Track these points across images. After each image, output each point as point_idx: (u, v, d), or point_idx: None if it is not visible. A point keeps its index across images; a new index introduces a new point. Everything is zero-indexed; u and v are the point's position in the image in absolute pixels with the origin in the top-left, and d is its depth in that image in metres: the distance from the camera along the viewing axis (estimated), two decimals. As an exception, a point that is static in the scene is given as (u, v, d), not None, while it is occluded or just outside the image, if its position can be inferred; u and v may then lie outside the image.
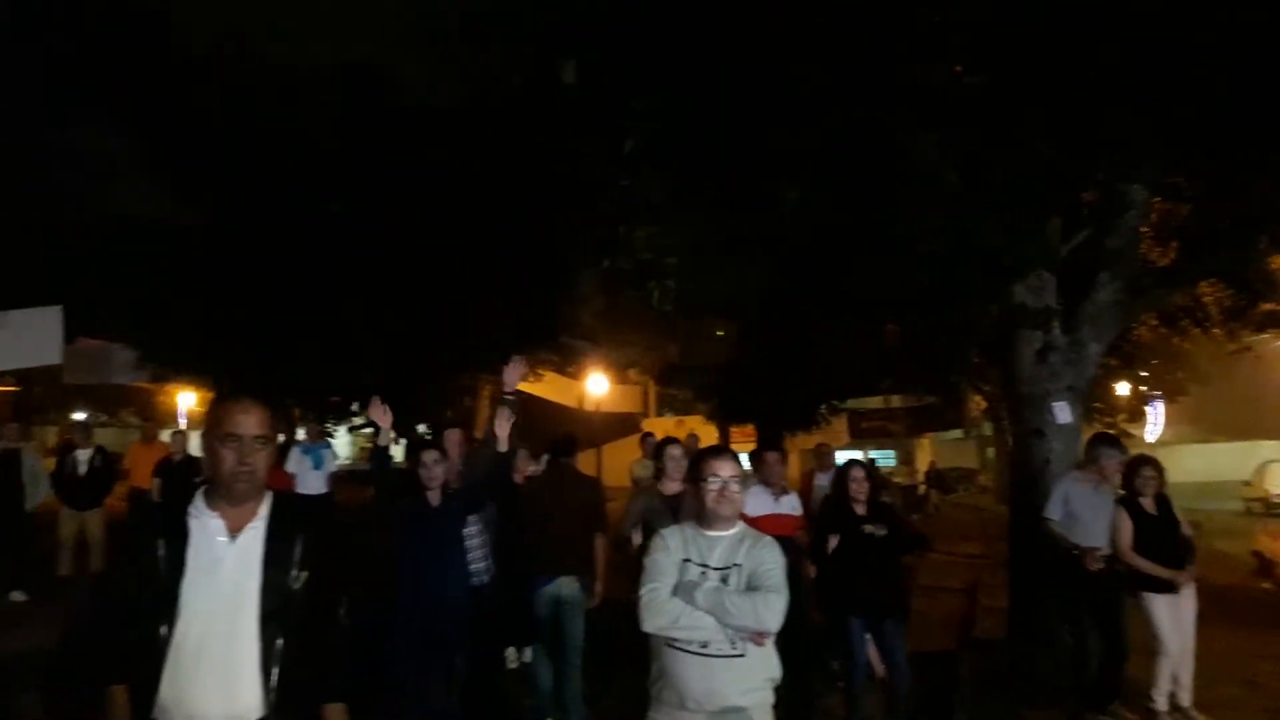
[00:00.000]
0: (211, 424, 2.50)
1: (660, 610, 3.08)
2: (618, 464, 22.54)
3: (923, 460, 31.14)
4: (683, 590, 3.06)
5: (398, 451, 15.31)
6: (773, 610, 3.03)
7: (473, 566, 5.20)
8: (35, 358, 11.82)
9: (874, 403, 25.79)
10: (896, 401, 26.59)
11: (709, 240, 7.48)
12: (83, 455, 10.20)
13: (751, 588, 3.07)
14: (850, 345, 11.83)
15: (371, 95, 14.51)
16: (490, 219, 13.54)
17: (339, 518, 2.74)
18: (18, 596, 9.01)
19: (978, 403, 26.77)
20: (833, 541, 5.47)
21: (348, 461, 20.19)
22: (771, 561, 3.14)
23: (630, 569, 3.80)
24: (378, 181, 13.93)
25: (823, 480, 8.19)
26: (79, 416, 34.77)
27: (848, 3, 5.71)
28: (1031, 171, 5.93)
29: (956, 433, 30.45)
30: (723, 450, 3.34)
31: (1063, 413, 6.84)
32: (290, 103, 14.47)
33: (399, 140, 13.97)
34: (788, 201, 6.94)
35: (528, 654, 6.73)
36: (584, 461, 21.11)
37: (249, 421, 2.44)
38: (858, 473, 5.52)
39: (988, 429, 29.75)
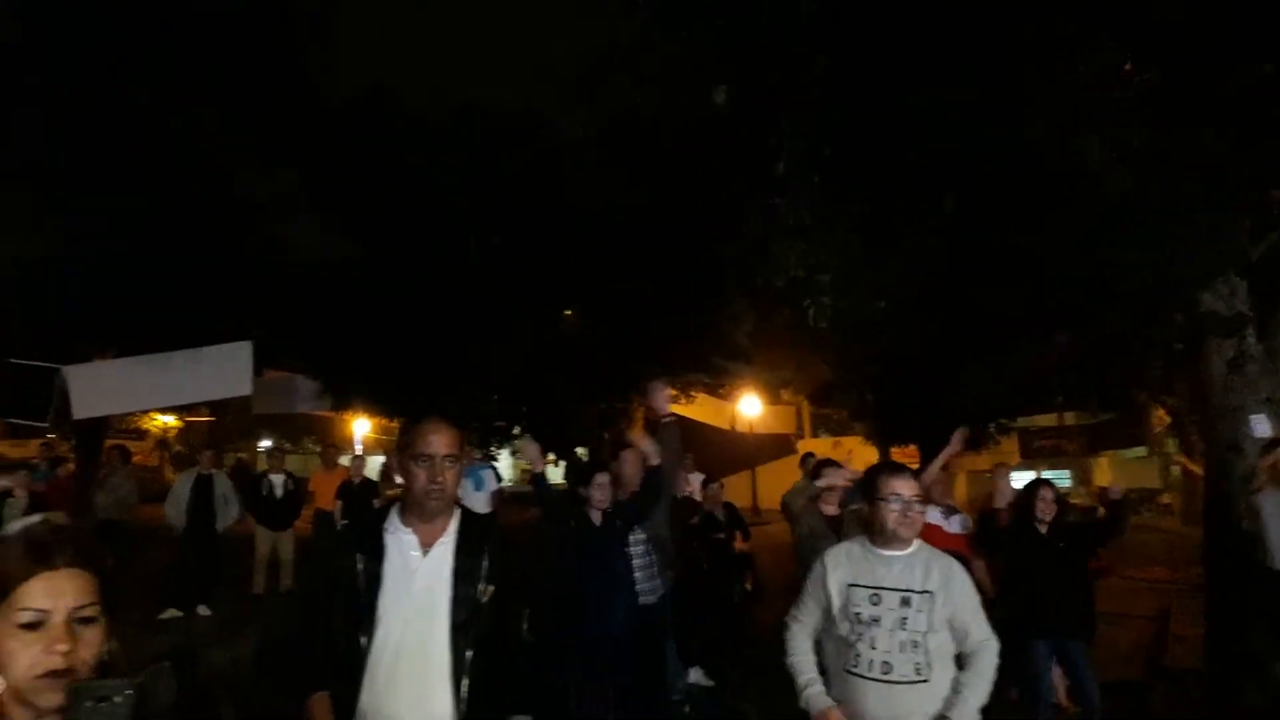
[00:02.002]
0: (404, 444, 2.60)
1: (790, 650, 3.22)
2: (774, 485, 22.32)
3: (1100, 479, 29.31)
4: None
5: (554, 473, 15.69)
6: (994, 665, 3.06)
7: (640, 586, 5.25)
8: (229, 389, 12.85)
9: (1046, 420, 24.50)
10: (1071, 419, 25.16)
11: (863, 255, 7.34)
12: (276, 479, 10.96)
13: (956, 630, 3.03)
14: (1019, 360, 11.30)
15: (524, 130, 15.04)
16: (641, 243, 13.72)
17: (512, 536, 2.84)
18: (204, 611, 9.58)
19: (1161, 418, 25.00)
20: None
21: (509, 483, 20.78)
22: (971, 600, 3.08)
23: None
24: (533, 212, 14.39)
25: (1001, 503, 7.85)
26: (265, 444, 37.37)
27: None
28: (1213, 170, 5.54)
29: (1138, 451, 28.49)
30: (901, 468, 3.24)
31: (1261, 426, 6.31)
32: (452, 142, 15.16)
33: (551, 172, 14.40)
34: (944, 211, 6.74)
35: (693, 675, 6.74)
36: (738, 484, 21.02)
37: (440, 441, 2.55)
38: (1047, 492, 5.28)
39: (1172, 446, 27.71)
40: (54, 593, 1.41)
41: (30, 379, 11.69)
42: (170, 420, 37.00)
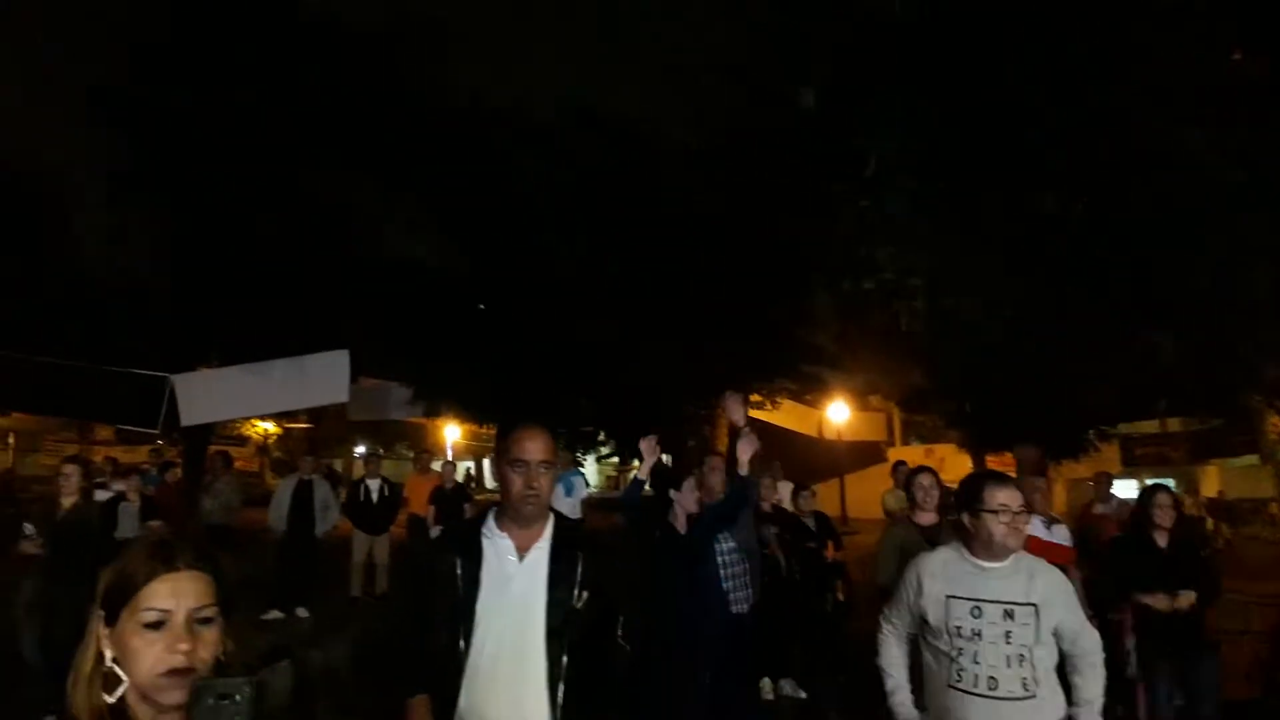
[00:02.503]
0: (501, 450, 2.63)
1: (880, 653, 3.23)
2: (861, 495, 21.93)
3: (1207, 489, 27.98)
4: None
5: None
6: (1102, 665, 3.03)
7: (732, 595, 5.20)
8: (327, 396, 13.28)
9: (1149, 427, 23.50)
10: (1175, 425, 24.09)
11: (958, 256, 7.17)
12: (373, 484, 11.24)
13: (1064, 641, 2.96)
14: (1121, 363, 10.87)
15: (614, 136, 15.16)
16: (728, 246, 13.66)
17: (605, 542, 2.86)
18: (302, 613, 9.85)
19: (1274, 424, 23.74)
20: (1160, 603, 4.89)
21: (595, 489, 20.95)
22: (1077, 607, 3.02)
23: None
24: (622, 219, 14.48)
25: (1102, 510, 7.56)
26: (359, 450, 38.42)
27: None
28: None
29: (1249, 458, 27.11)
30: (1005, 478, 3.14)
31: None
32: (544, 149, 15.38)
33: (641, 177, 14.47)
34: (1045, 209, 6.54)
35: (785, 686, 6.66)
36: (826, 492, 20.73)
37: (536, 448, 2.57)
38: (1164, 499, 4.99)
39: (1288, 453, 26.27)
40: (176, 593, 1.46)
41: (142, 388, 12.23)
42: (270, 427, 38.37)
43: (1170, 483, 26.49)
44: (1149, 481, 5.79)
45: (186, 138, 16.72)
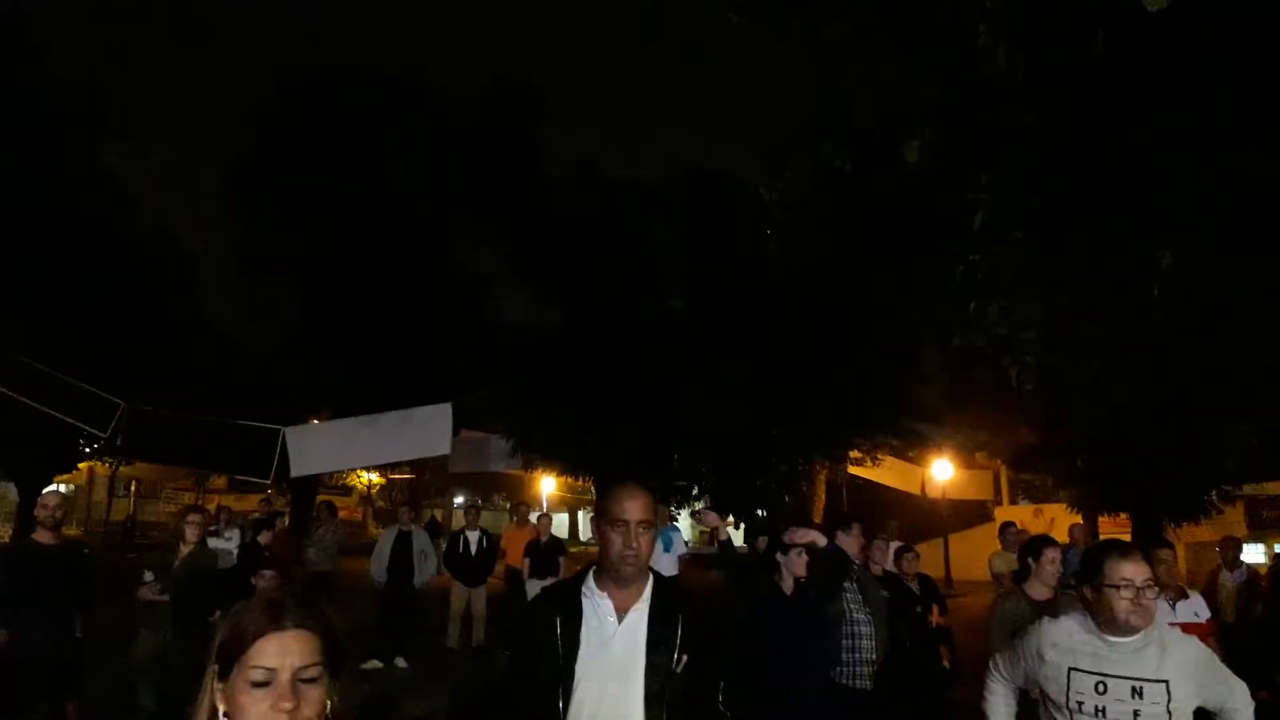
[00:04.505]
0: (601, 510, 2.62)
1: (986, 701, 3.14)
2: (967, 555, 21.13)
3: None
4: None
5: (736, 536, 15.43)
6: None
7: (846, 667, 5.05)
8: (431, 448, 13.57)
9: (1277, 488, 22.04)
10: (1307, 486, 22.53)
11: (1071, 312, 6.92)
12: (472, 536, 11.37)
13: (1212, 706, 2.79)
14: (1246, 420, 10.27)
15: (709, 196, 15.33)
16: (827, 301, 13.55)
17: (703, 602, 2.80)
18: (401, 663, 9.94)
19: None
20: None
21: (690, 545, 20.77)
22: (1220, 675, 2.83)
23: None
24: (717, 274, 14.55)
25: (1230, 579, 7.09)
26: (459, 500, 39.01)
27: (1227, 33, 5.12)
28: None
29: (1395, 523, 25.13)
30: (1130, 548, 2.92)
31: None
32: (636, 208, 15.67)
33: (737, 234, 14.56)
34: (1161, 262, 6.27)
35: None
36: (930, 552, 20.04)
37: (635, 507, 2.54)
38: None
39: None
40: (282, 652, 1.49)
41: (256, 439, 12.72)
42: (374, 477, 39.35)
43: (1300, 550, 24.62)
44: (1276, 549, 5.39)
45: (311, 211, 17.72)
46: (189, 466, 22.07)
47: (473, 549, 11.22)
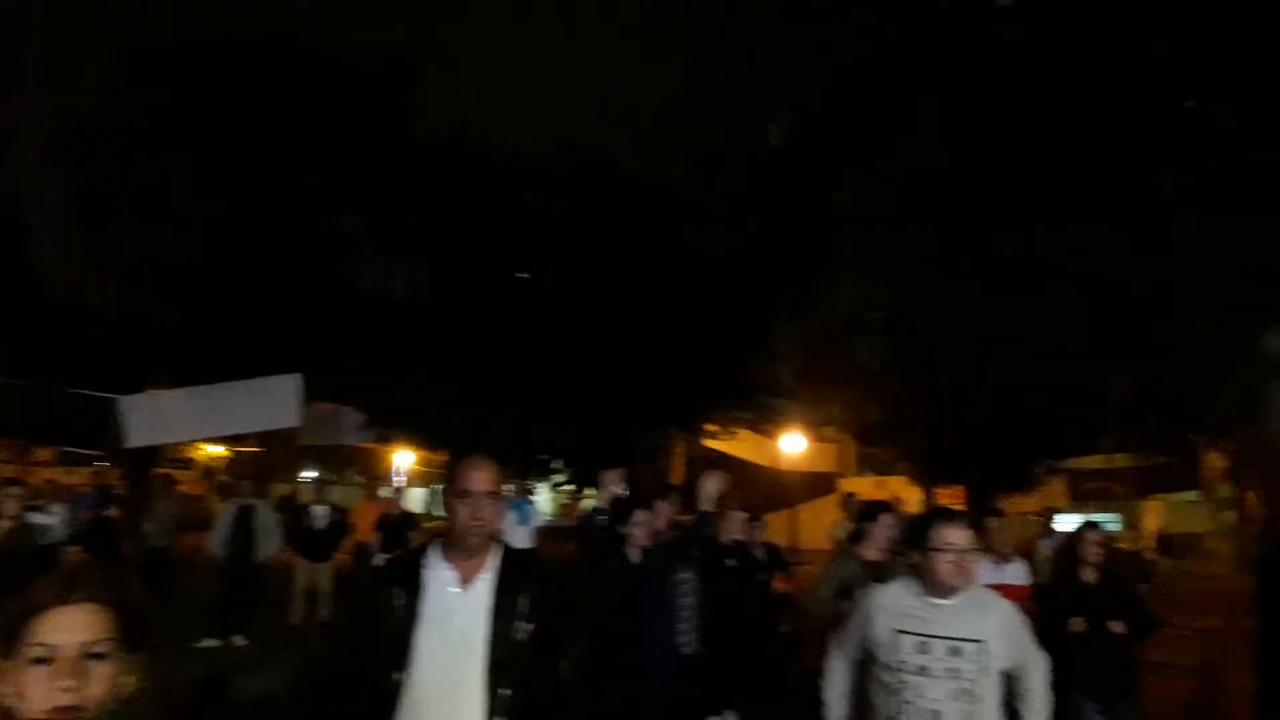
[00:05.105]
0: (448, 481, 2.62)
1: (826, 682, 3.24)
2: (815, 524, 21.99)
3: (1150, 524, 28.48)
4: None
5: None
6: (1046, 688, 3.08)
7: (684, 630, 5.15)
8: (279, 420, 13.05)
9: (1095, 462, 23.89)
10: (1122, 460, 24.50)
11: (919, 294, 7.28)
12: (320, 511, 11.03)
13: (1013, 671, 2.96)
14: (1070, 400, 11.07)
15: (584, 170, 15.27)
16: (688, 278, 13.74)
17: (553, 575, 2.82)
18: (240, 640, 9.59)
19: (1215, 461, 24.27)
20: (1077, 625, 4.98)
21: (547, 517, 20.80)
22: (1026, 639, 3.04)
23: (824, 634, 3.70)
24: (581, 246, 14.53)
25: (1045, 546, 7.64)
26: (309, 475, 37.72)
27: (1079, 37, 5.46)
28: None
29: (1191, 494, 27.67)
30: (954, 515, 3.15)
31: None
32: (505, 178, 15.46)
33: (606, 208, 14.56)
34: (1003, 250, 6.67)
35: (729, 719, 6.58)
36: (778, 523, 20.77)
37: (481, 478, 2.54)
38: (1094, 535, 5.07)
39: (1225, 491, 26.85)
40: (66, 628, 1.40)
41: (88, 408, 11.95)
42: (219, 450, 37.58)
43: (1115, 518, 26.92)
44: (1086, 518, 5.85)
45: (149, 161, 16.56)
46: (11, 437, 20.48)
47: (319, 524, 10.89)
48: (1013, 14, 4.61)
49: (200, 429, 14.82)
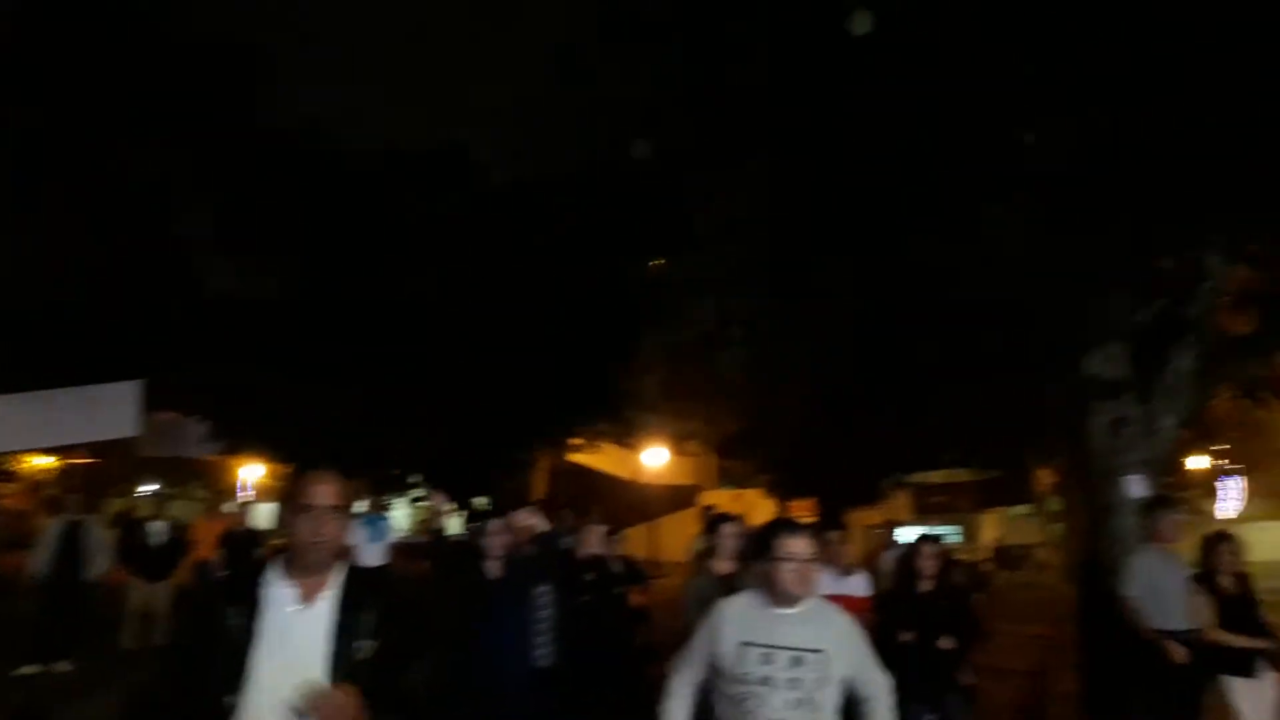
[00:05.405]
0: (290, 494, 2.53)
1: (665, 701, 3.20)
2: (676, 537, 22.29)
3: (988, 536, 30.24)
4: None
5: (455, 524, 15.26)
6: (893, 708, 3.11)
7: (540, 644, 5.12)
8: (115, 430, 12.23)
9: (938, 477, 25.18)
10: (962, 475, 25.91)
11: (775, 310, 7.51)
12: (157, 527, 10.43)
13: (852, 683, 3.03)
14: (915, 418, 11.63)
15: (446, 175, 15.02)
16: (551, 291, 13.73)
17: (402, 592, 2.77)
18: (64, 666, 9.00)
19: (1045, 477, 25.99)
20: (906, 636, 5.22)
21: (405, 533, 20.29)
22: (863, 650, 3.11)
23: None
24: (444, 255, 14.30)
25: (889, 558, 7.98)
26: (148, 488, 35.55)
27: (910, 71, 5.76)
28: (1104, 238, 5.86)
29: (1024, 508, 29.52)
30: (797, 525, 3.23)
31: (1136, 487, 6.61)
32: (365, 185, 15.04)
33: (468, 216, 14.38)
34: (850, 271, 6.96)
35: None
36: (639, 536, 20.95)
37: (324, 493, 2.47)
38: (929, 549, 5.34)
39: (1055, 504, 28.79)
40: None
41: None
42: (48, 461, 34.97)
43: (956, 530, 28.40)
44: (925, 531, 6.18)
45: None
46: None
47: (156, 541, 10.31)
48: (868, 41, 4.85)
49: (26, 439, 13.73)
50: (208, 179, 16.05)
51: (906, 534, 10.08)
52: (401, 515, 21.67)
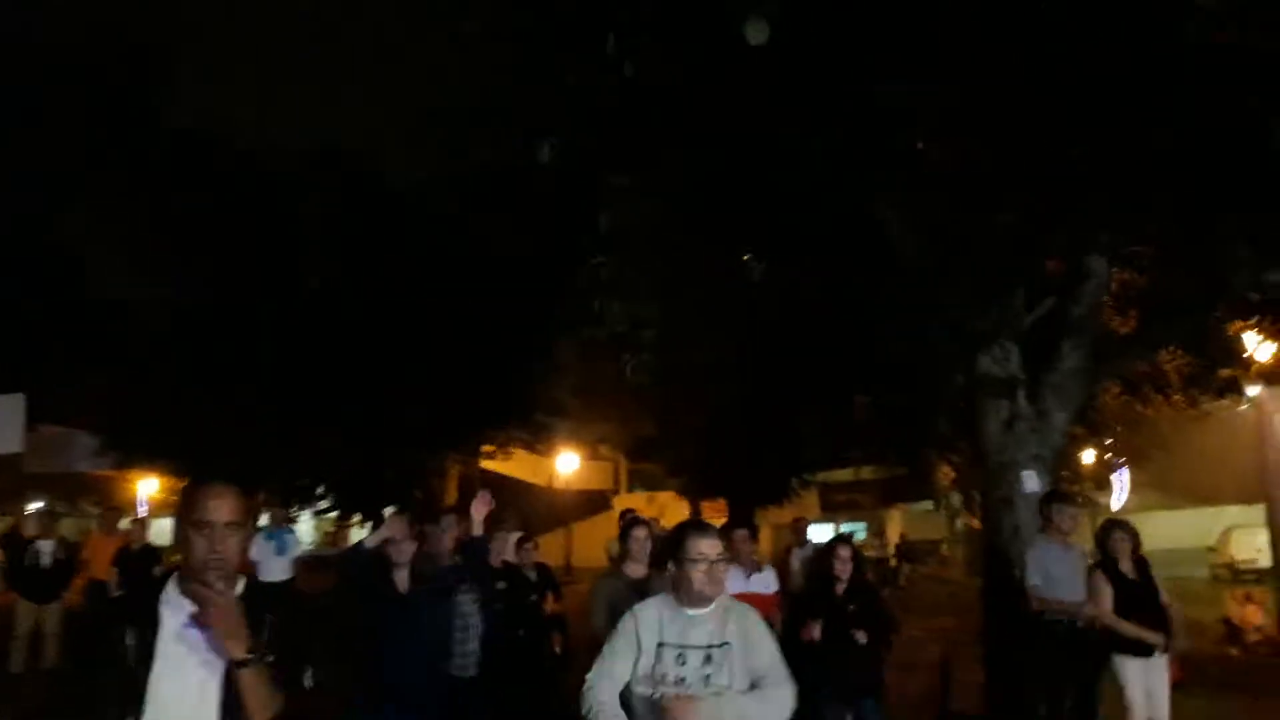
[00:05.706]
0: (184, 510, 2.43)
1: (593, 707, 3.07)
2: (589, 543, 22.26)
3: (893, 532, 31.04)
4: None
5: (363, 534, 14.94)
6: (785, 707, 3.04)
7: (457, 660, 5.06)
8: (-3, 445, 11.59)
9: (844, 475, 25.77)
10: (867, 473, 26.57)
11: (684, 313, 7.58)
12: (45, 546, 9.95)
13: (752, 676, 3.03)
14: (821, 418, 11.89)
15: (348, 179, 14.71)
16: (460, 296, 13.58)
17: (303, 604, 2.70)
18: None
19: (946, 473, 26.82)
20: (815, 630, 5.32)
21: (310, 546, 19.76)
22: (767, 645, 3.10)
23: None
24: (349, 260, 14.01)
25: (799, 555, 8.13)
26: (35, 506, 33.76)
27: (814, 78, 5.88)
28: (995, 241, 6.08)
29: (926, 504, 30.43)
30: (705, 526, 3.27)
31: (1030, 481, 6.86)
32: (265, 187, 14.61)
33: (372, 221, 14.11)
34: (755, 274, 7.07)
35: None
36: (552, 542, 20.85)
37: (221, 507, 2.38)
38: (844, 551, 5.43)
39: (956, 500, 29.73)
40: None
41: None
42: (-80, 480, 32.95)
43: (862, 526, 29.05)
44: (838, 531, 6.34)
45: None
46: None
47: (44, 561, 9.82)
48: (766, 51, 4.95)
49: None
50: (96, 180, 15.39)
51: (817, 532, 10.29)
52: (308, 528, 21.09)
